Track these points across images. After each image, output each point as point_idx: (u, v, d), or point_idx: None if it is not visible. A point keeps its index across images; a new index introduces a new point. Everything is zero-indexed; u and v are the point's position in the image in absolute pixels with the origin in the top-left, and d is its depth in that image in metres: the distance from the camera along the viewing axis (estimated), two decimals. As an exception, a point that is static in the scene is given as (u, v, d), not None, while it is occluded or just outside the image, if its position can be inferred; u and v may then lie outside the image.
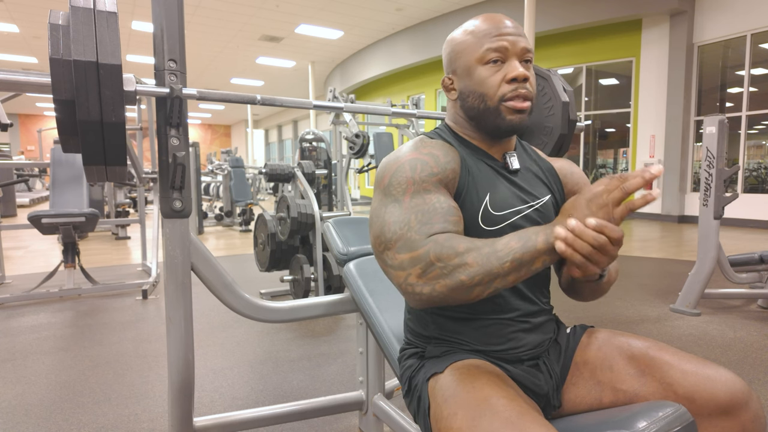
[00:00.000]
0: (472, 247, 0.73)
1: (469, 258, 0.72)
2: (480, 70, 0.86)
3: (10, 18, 10.02)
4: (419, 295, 0.76)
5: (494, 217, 0.86)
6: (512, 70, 0.84)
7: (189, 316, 1.22)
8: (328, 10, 9.88)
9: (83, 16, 0.96)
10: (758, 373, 2.10)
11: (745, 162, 7.58)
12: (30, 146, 22.21)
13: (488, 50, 0.85)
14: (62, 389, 2.00)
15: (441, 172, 0.83)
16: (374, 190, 0.86)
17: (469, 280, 0.72)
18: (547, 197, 0.94)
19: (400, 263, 0.77)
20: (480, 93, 0.87)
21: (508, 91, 0.85)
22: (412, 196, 0.80)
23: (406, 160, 0.84)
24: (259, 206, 7.75)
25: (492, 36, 0.85)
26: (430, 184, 0.81)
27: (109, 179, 1.10)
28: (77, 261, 3.48)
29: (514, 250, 0.71)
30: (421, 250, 0.75)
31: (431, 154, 0.85)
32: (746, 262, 3.04)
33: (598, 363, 0.89)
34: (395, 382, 1.64)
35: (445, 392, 0.78)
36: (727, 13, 7.36)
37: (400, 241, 0.77)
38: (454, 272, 0.73)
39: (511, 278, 0.72)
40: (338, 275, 2.92)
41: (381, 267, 0.82)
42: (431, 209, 0.79)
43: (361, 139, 4.43)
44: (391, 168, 0.84)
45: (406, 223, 0.78)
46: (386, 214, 0.81)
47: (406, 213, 0.79)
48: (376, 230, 0.82)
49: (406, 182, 0.81)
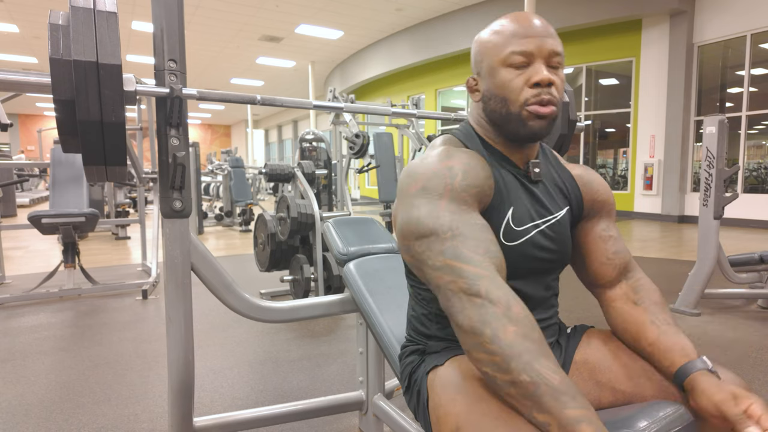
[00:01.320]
0: (546, 377, 0.63)
1: (533, 380, 0.63)
2: (503, 72, 0.82)
3: (10, 18, 10.02)
4: (454, 317, 0.70)
5: (514, 232, 0.84)
6: (536, 73, 0.80)
7: (189, 316, 1.22)
8: (328, 10, 9.88)
9: (83, 16, 0.96)
10: (758, 373, 2.10)
11: (745, 162, 7.58)
12: (30, 146, 22.21)
13: (512, 53, 0.81)
14: (62, 389, 1.99)
15: (479, 186, 0.80)
16: (401, 198, 0.81)
17: (511, 387, 0.64)
18: (564, 211, 0.92)
19: (445, 267, 0.72)
20: (502, 96, 0.83)
21: (530, 96, 0.81)
22: (448, 202, 0.76)
23: (444, 166, 0.79)
24: (259, 206, 7.75)
25: (518, 37, 0.81)
26: (468, 196, 0.78)
27: (109, 179, 1.10)
28: (77, 261, 3.48)
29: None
30: (482, 283, 0.69)
31: (470, 165, 0.80)
32: (746, 262, 3.04)
33: (597, 363, 0.89)
34: (395, 382, 1.64)
35: (444, 381, 0.79)
36: (727, 13, 7.37)
37: (444, 244, 0.73)
38: (507, 371, 0.64)
39: (541, 419, 0.63)
40: (338, 275, 2.92)
41: (408, 259, 0.79)
42: (468, 222, 0.75)
43: (361, 139, 4.43)
44: (425, 174, 0.79)
45: (449, 227, 0.74)
46: (421, 212, 0.76)
47: (446, 216, 0.75)
48: (411, 228, 0.76)
49: (444, 187, 0.77)
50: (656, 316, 0.87)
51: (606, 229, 0.95)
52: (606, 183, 0.98)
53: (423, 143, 4.99)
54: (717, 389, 0.72)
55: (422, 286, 0.91)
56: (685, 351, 0.81)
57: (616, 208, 1.02)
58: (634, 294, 0.91)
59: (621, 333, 0.90)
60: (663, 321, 0.86)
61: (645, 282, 0.93)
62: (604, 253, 0.94)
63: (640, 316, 0.88)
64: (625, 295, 0.92)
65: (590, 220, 0.96)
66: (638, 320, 0.87)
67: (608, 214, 0.97)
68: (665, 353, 0.82)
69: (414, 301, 0.95)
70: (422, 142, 5.01)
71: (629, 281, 0.93)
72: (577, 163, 9.74)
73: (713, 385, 0.73)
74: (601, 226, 0.95)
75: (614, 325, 0.92)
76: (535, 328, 0.67)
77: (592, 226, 0.96)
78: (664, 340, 0.83)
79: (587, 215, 0.96)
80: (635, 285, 0.92)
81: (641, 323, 0.87)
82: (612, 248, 0.94)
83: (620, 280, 0.94)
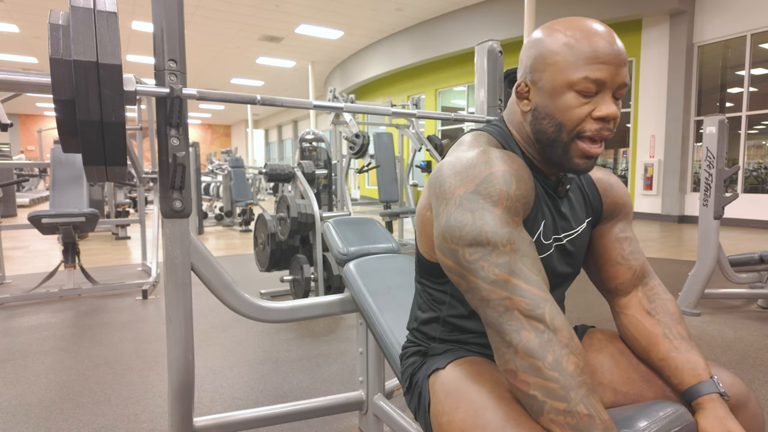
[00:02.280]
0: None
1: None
2: (568, 96, 0.74)
3: (10, 18, 10.02)
4: (506, 335, 0.67)
5: (542, 245, 0.82)
6: (604, 108, 0.73)
7: (189, 316, 1.22)
8: (328, 10, 9.88)
9: (83, 16, 0.96)
10: (758, 373, 2.10)
11: (745, 162, 7.58)
12: (30, 146, 22.22)
13: (585, 79, 0.72)
14: (62, 389, 1.99)
15: (528, 196, 0.74)
16: (440, 197, 0.75)
17: (562, 416, 0.63)
18: (584, 224, 0.90)
19: (502, 282, 0.68)
20: (559, 120, 0.76)
21: (590, 129, 0.75)
22: (503, 211, 0.70)
23: (498, 170, 0.72)
24: (259, 206, 7.75)
25: (594, 61, 0.72)
26: (520, 206, 0.73)
27: (109, 179, 1.10)
28: (77, 261, 3.48)
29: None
30: (546, 307, 0.66)
31: (520, 173, 0.74)
32: (746, 262, 3.04)
33: (598, 365, 0.89)
34: (395, 382, 1.64)
35: (447, 387, 0.78)
36: (727, 13, 7.37)
37: (502, 257, 0.68)
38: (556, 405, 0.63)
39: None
40: (338, 275, 2.92)
41: (449, 263, 0.73)
42: (521, 236, 0.71)
43: (361, 139, 4.43)
44: (477, 174, 0.72)
45: (507, 240, 0.69)
46: (476, 219, 0.69)
47: (504, 227, 0.69)
48: (464, 233, 0.70)
49: (499, 195, 0.70)
50: (670, 329, 0.85)
51: (623, 231, 0.94)
52: (624, 186, 0.97)
53: (423, 143, 4.99)
54: (716, 423, 0.73)
55: (437, 288, 0.89)
56: (695, 371, 0.79)
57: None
58: (648, 303, 0.89)
59: (630, 341, 0.89)
60: (676, 335, 0.84)
61: (660, 291, 0.91)
62: (620, 253, 0.92)
63: (653, 328, 0.86)
64: (639, 303, 0.90)
65: (608, 222, 0.95)
66: (650, 332, 0.86)
67: (626, 217, 0.96)
68: (675, 371, 0.81)
69: (422, 301, 0.94)
70: (422, 142, 5.01)
71: (645, 288, 0.91)
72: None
73: (715, 418, 0.73)
74: (618, 227, 0.95)
75: (625, 333, 0.91)
76: (588, 362, 0.67)
77: (610, 228, 0.95)
78: (675, 356, 0.81)
79: (606, 218, 0.95)
80: (650, 294, 0.90)
81: (653, 335, 0.85)
82: (628, 249, 0.93)
83: (635, 286, 0.92)
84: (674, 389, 0.81)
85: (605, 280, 0.94)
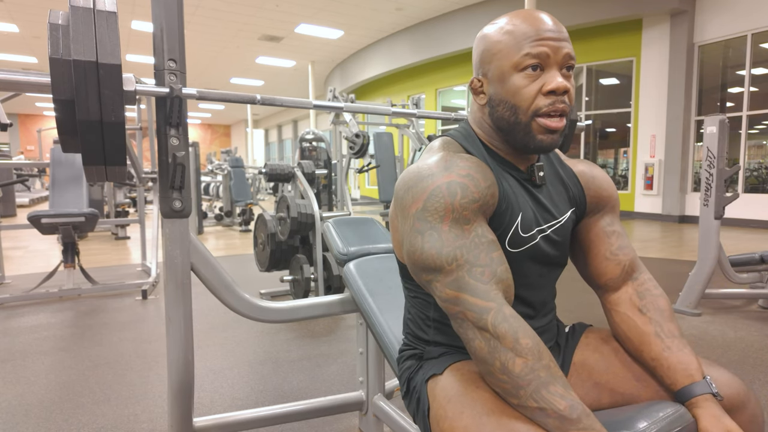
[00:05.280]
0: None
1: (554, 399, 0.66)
2: (515, 77, 0.77)
3: (10, 18, 10.02)
4: (467, 343, 0.73)
5: (521, 239, 0.82)
6: (551, 81, 0.75)
7: (189, 316, 1.22)
8: (328, 10, 9.88)
9: (83, 16, 0.96)
10: (759, 373, 2.09)
11: (745, 162, 7.58)
12: (30, 146, 22.22)
13: (527, 56, 0.75)
14: (62, 389, 1.99)
15: (481, 198, 0.75)
16: (400, 212, 0.79)
17: (522, 410, 0.69)
18: (568, 214, 0.89)
19: (452, 299, 0.73)
20: (512, 104, 0.78)
21: (544, 105, 0.76)
22: (451, 225, 0.73)
23: (443, 182, 0.74)
24: (259, 206, 7.74)
25: (533, 39, 0.75)
26: (470, 212, 0.74)
27: (109, 179, 1.10)
28: (77, 261, 3.48)
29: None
30: (488, 317, 0.70)
31: (470, 177, 0.75)
32: (747, 262, 3.03)
33: (596, 365, 0.89)
34: (395, 383, 1.64)
35: (448, 392, 0.78)
36: (728, 13, 7.36)
37: (449, 276, 0.73)
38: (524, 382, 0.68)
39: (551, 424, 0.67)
40: (338, 275, 2.92)
41: (417, 281, 0.80)
42: (472, 244, 0.73)
43: (361, 139, 4.43)
44: (424, 189, 0.75)
45: (453, 258, 0.72)
46: (424, 243, 0.74)
47: (449, 245, 0.73)
48: (416, 259, 0.76)
49: (444, 209, 0.73)
50: (661, 327, 0.84)
51: (610, 224, 0.93)
52: (609, 178, 0.95)
53: (423, 143, 4.99)
54: (714, 422, 0.72)
55: (419, 290, 0.89)
56: (688, 371, 0.79)
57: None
58: (639, 300, 0.88)
59: (623, 340, 0.88)
60: (668, 333, 0.84)
61: (651, 286, 0.90)
62: (608, 248, 0.91)
63: (645, 326, 0.85)
64: (630, 300, 0.89)
65: (594, 216, 0.94)
66: (642, 331, 0.85)
67: (612, 210, 0.95)
68: (667, 371, 0.80)
69: (410, 304, 0.94)
70: (422, 142, 5.01)
71: (635, 283, 0.90)
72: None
73: (712, 417, 0.73)
74: (605, 221, 0.93)
75: (617, 332, 0.90)
76: (544, 355, 0.69)
77: (596, 221, 0.93)
78: (668, 356, 0.81)
79: (591, 211, 0.94)
80: (641, 289, 0.89)
81: (645, 334, 0.85)
82: (616, 243, 0.91)
83: (625, 281, 0.91)
84: (667, 389, 0.81)
85: (594, 276, 0.93)
